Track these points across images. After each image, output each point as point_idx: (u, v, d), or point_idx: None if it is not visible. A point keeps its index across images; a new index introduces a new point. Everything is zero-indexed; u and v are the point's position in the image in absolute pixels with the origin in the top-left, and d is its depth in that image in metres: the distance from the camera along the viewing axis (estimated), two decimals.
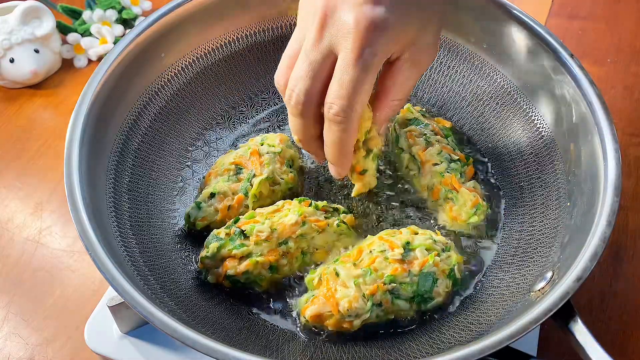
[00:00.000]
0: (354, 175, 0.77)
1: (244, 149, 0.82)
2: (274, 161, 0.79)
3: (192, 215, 0.77)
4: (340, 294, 0.67)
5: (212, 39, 0.87)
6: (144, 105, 0.82)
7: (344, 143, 0.66)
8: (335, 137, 0.65)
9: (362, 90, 0.60)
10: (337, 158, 0.68)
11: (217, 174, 0.80)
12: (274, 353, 0.67)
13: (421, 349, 0.67)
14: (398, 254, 0.69)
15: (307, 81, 0.62)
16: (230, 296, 0.73)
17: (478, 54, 0.86)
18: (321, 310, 0.68)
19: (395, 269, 0.68)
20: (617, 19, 1.16)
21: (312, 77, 0.62)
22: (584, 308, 0.79)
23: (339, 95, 0.61)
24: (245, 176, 0.78)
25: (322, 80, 0.62)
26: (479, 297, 0.73)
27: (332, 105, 0.62)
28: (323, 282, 0.70)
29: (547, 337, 0.74)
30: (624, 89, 1.05)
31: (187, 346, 0.56)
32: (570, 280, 0.60)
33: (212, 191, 0.77)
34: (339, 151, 0.67)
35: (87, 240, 0.63)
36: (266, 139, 0.82)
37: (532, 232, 0.76)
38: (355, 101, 0.61)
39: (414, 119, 0.84)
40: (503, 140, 0.85)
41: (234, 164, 0.80)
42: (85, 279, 0.83)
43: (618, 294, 0.81)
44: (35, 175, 0.95)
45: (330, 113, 0.63)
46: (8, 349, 0.77)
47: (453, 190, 0.78)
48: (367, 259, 0.70)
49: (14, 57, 1.01)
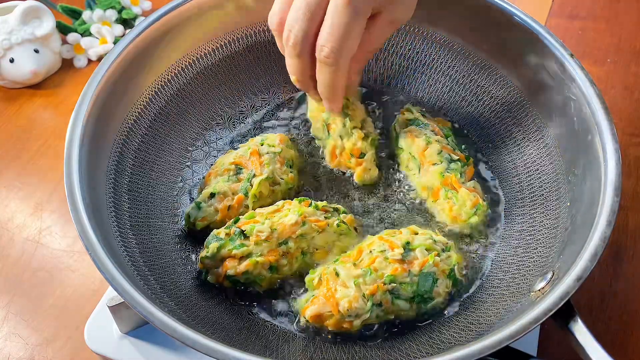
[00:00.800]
0: (352, 160, 0.81)
1: (243, 149, 0.82)
2: (274, 161, 0.80)
3: (192, 215, 0.77)
4: (340, 294, 0.67)
5: (212, 39, 0.87)
6: (144, 105, 0.82)
7: (335, 82, 0.70)
8: (327, 78, 0.69)
9: (352, 34, 0.64)
10: (330, 95, 0.73)
11: (217, 174, 0.80)
12: (274, 353, 0.67)
13: (421, 349, 0.67)
14: (398, 254, 0.69)
15: (304, 23, 0.65)
16: (230, 296, 0.73)
17: (478, 54, 0.86)
18: (321, 311, 0.68)
19: (395, 269, 0.68)
20: (617, 19, 1.16)
21: (309, 18, 0.65)
22: (584, 308, 0.79)
23: (329, 38, 0.64)
24: (245, 176, 0.78)
25: (317, 23, 0.65)
26: (479, 297, 0.73)
27: (323, 48, 0.65)
28: (323, 282, 0.70)
29: (547, 337, 0.74)
30: (624, 89, 1.05)
31: (187, 346, 0.56)
32: (570, 280, 0.60)
33: (212, 191, 0.77)
34: (332, 90, 0.71)
35: (87, 240, 0.63)
36: (266, 139, 0.82)
37: (532, 232, 0.76)
38: (345, 44, 0.64)
39: (414, 119, 0.84)
40: (503, 140, 0.85)
41: (234, 164, 0.80)
42: (85, 279, 0.83)
43: (618, 294, 0.81)
44: (35, 175, 0.95)
45: (321, 55, 0.66)
46: (8, 349, 0.77)
47: (453, 190, 0.78)
48: (367, 259, 0.70)
49: (14, 57, 1.01)
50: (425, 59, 0.91)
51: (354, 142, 0.82)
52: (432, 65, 0.90)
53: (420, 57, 0.91)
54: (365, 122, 0.84)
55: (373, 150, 0.83)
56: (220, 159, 0.82)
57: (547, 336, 0.74)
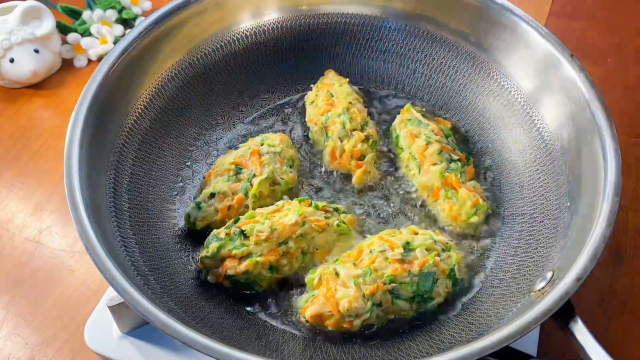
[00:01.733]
0: (353, 162, 0.81)
1: (243, 149, 0.82)
2: (274, 161, 0.80)
3: (192, 215, 0.77)
4: (340, 294, 0.67)
5: (212, 39, 0.87)
6: (144, 105, 0.82)
7: None
8: None
9: None
10: None
11: (217, 174, 0.80)
12: (274, 353, 0.67)
13: (421, 349, 0.67)
14: (398, 254, 0.69)
15: None
16: (230, 296, 0.73)
17: (478, 54, 0.86)
18: (321, 310, 0.68)
19: (395, 269, 0.68)
20: (617, 19, 1.16)
21: None
22: (584, 308, 0.79)
23: None
24: (245, 176, 0.78)
25: None
26: (479, 297, 0.73)
27: None
28: (323, 282, 0.70)
29: (547, 337, 0.74)
30: (624, 90, 1.05)
31: (187, 346, 0.56)
32: (570, 280, 0.60)
33: (212, 191, 0.77)
34: None
35: (87, 240, 0.63)
36: (266, 139, 0.82)
37: (532, 232, 0.76)
38: None
39: (414, 119, 0.84)
40: (503, 140, 0.85)
41: (234, 164, 0.80)
42: (85, 279, 0.83)
43: (618, 294, 0.81)
44: (35, 175, 0.95)
45: None
46: (8, 349, 0.77)
47: (453, 190, 0.78)
48: (367, 259, 0.70)
49: (14, 57, 1.01)
50: (426, 59, 0.91)
51: (354, 143, 0.82)
52: (433, 66, 0.90)
53: (420, 57, 0.91)
54: (366, 124, 0.84)
55: (373, 153, 0.83)
56: (220, 159, 0.82)
57: (547, 336, 0.73)
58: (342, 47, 0.93)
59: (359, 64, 0.94)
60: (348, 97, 0.86)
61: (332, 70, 0.91)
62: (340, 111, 0.83)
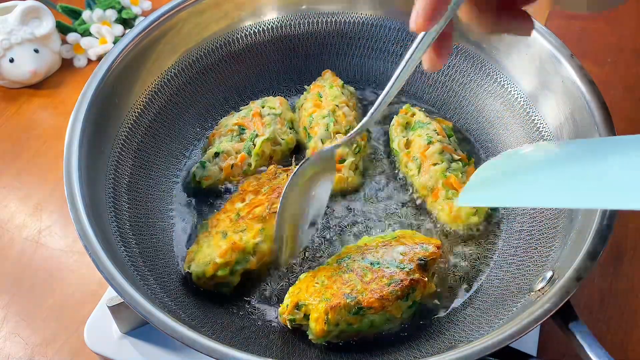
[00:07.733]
0: None
1: (245, 111, 0.85)
2: (274, 122, 0.83)
3: (197, 174, 0.80)
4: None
5: (212, 39, 0.87)
6: (144, 105, 0.82)
7: None
8: None
9: None
10: None
11: (220, 135, 0.84)
12: (274, 353, 0.67)
13: (421, 349, 0.67)
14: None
15: None
16: (230, 296, 0.73)
17: (479, 54, 0.86)
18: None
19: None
20: (617, 19, 1.16)
21: None
22: (584, 308, 0.79)
23: None
24: (248, 136, 0.82)
25: None
26: (479, 297, 0.73)
27: None
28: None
29: (547, 337, 0.74)
30: (624, 89, 1.05)
31: (187, 346, 0.56)
32: (570, 280, 0.60)
33: (216, 150, 0.81)
34: None
35: (86, 240, 0.63)
36: (267, 101, 0.86)
37: (532, 232, 0.76)
38: None
39: (414, 119, 0.84)
40: (504, 140, 0.85)
41: (237, 124, 0.83)
42: (85, 279, 0.83)
43: (618, 294, 0.81)
44: (35, 175, 0.95)
45: None
46: (8, 349, 0.77)
47: (453, 190, 0.78)
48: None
49: (14, 57, 1.01)
50: None
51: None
52: None
53: None
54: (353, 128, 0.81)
55: (355, 158, 0.82)
56: (223, 120, 0.86)
57: (547, 336, 0.73)
58: (342, 47, 0.93)
59: (358, 64, 0.94)
60: (336, 100, 0.85)
61: (329, 71, 0.91)
62: (326, 113, 0.84)
